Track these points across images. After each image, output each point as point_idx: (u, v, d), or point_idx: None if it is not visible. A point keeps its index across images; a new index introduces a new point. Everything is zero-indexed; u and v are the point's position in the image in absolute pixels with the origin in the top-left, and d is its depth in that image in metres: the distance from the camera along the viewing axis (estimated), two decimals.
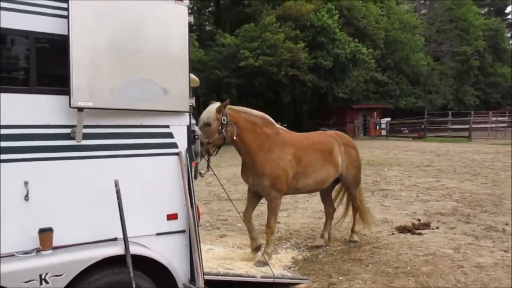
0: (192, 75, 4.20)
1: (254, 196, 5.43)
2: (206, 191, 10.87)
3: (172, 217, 3.50)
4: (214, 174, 4.73)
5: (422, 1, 53.74)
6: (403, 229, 6.37)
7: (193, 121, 3.77)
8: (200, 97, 34.76)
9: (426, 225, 6.60)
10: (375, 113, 34.79)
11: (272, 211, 5.12)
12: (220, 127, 4.63)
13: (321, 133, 6.08)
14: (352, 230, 5.99)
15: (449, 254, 5.25)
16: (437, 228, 6.52)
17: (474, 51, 46.18)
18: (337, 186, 6.20)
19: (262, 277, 4.33)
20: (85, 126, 3.07)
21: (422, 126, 30.59)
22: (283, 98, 30.41)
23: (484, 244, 5.65)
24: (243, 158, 5.13)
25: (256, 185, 5.13)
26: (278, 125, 5.30)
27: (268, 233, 5.18)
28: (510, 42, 59.66)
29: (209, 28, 36.22)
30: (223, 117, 4.63)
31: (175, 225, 3.51)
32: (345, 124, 32.86)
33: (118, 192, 3.09)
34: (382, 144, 25.73)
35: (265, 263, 4.71)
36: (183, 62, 3.50)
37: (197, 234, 3.51)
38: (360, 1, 34.87)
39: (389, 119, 34.30)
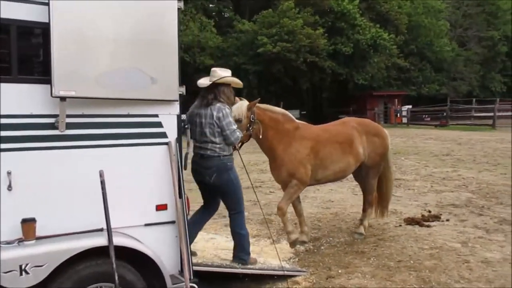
0: (236, 79, 4.37)
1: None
2: None
3: (161, 207, 3.44)
4: (245, 168, 5.08)
5: None
6: (411, 221, 6.20)
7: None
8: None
9: (436, 217, 6.41)
10: (396, 100, 34.13)
11: (289, 194, 5.10)
12: (248, 125, 4.72)
13: (341, 123, 5.92)
14: (361, 222, 5.85)
15: (456, 248, 5.06)
16: (447, 220, 6.32)
17: (502, 36, 44.55)
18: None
19: (258, 268, 4.26)
20: (69, 116, 3.02)
21: (444, 114, 29.84)
22: (302, 85, 30.04)
23: (494, 238, 5.44)
24: (266, 155, 5.23)
25: (276, 177, 5.29)
26: (297, 120, 5.37)
27: (279, 215, 5.21)
28: None
29: (228, 14, 36.00)
30: (252, 115, 4.73)
31: (164, 216, 3.45)
32: (365, 111, 32.38)
33: (102, 182, 3.04)
34: (403, 132, 25.23)
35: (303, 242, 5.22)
36: (173, 49, 3.41)
37: (186, 225, 3.45)
38: None
39: (410, 106, 33.62)
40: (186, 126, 3.60)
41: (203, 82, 4.25)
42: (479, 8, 44.17)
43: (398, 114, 32.40)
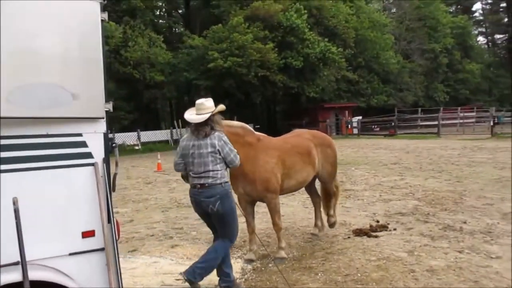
0: (221, 105, 4.31)
1: (248, 205, 5.39)
2: (168, 197, 10.52)
3: (88, 234, 3.16)
4: None
5: (391, 0, 54.46)
6: (359, 232, 6.18)
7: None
8: (171, 100, 34.41)
9: (384, 227, 6.43)
10: (347, 112, 34.96)
11: (273, 210, 5.28)
12: None
13: (296, 135, 6.12)
14: (328, 214, 6.32)
15: (402, 258, 5.05)
16: (395, 229, 6.35)
17: (443, 49, 47.14)
18: None
19: None
20: None
21: (393, 124, 30.84)
22: (254, 99, 30.14)
23: (439, 245, 5.49)
24: (232, 172, 4.97)
25: (250, 193, 5.17)
26: (256, 132, 5.39)
27: (276, 230, 5.38)
28: (477, 39, 61.12)
29: (179, 30, 35.77)
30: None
31: (92, 243, 3.16)
32: (317, 123, 32.90)
33: (16, 211, 2.73)
34: (354, 142, 25.79)
35: (282, 258, 5.21)
36: (96, 63, 3.17)
37: (116, 252, 3.19)
38: (330, 1, 35.03)
39: (360, 117, 34.52)
40: (114, 144, 3.33)
41: (194, 117, 4.15)
42: (420, 22, 46.50)
43: (349, 125, 33.17)
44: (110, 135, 3.35)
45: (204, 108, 4.16)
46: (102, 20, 3.22)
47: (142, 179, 14.31)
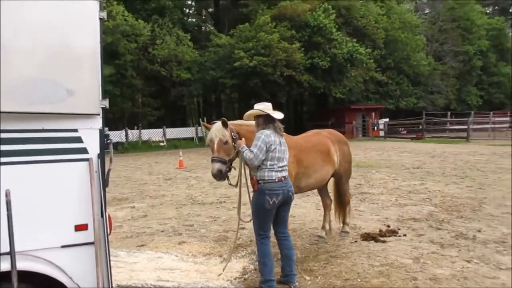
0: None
1: None
2: (184, 194, 10.64)
3: (80, 227, 3.22)
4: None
5: (424, 0, 53.22)
6: (367, 237, 6.07)
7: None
8: (197, 97, 34.77)
9: (393, 232, 6.30)
10: (374, 113, 34.39)
11: None
12: (233, 143, 4.69)
13: (317, 134, 6.18)
14: (343, 222, 6.39)
15: (407, 265, 4.94)
16: (404, 235, 6.21)
17: (477, 51, 45.68)
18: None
19: None
20: None
21: (420, 127, 30.15)
22: (280, 99, 30.06)
23: (448, 254, 5.34)
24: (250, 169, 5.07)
25: None
26: None
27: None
28: None
29: (207, 28, 36.09)
30: (232, 133, 4.72)
31: (84, 237, 3.23)
32: (343, 125, 32.55)
33: (8, 203, 2.83)
34: (379, 145, 25.39)
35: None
36: (94, 61, 3.23)
37: (107, 246, 3.24)
38: (359, 1, 34.54)
39: (387, 119, 33.94)
40: (109, 141, 3.39)
41: (279, 115, 4.53)
42: (454, 23, 45.21)
43: (375, 128, 32.63)
44: (106, 131, 3.40)
45: (271, 108, 4.52)
46: (101, 19, 3.27)
47: (163, 175, 14.52)
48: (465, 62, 45.05)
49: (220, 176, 4.57)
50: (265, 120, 4.47)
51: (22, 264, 2.84)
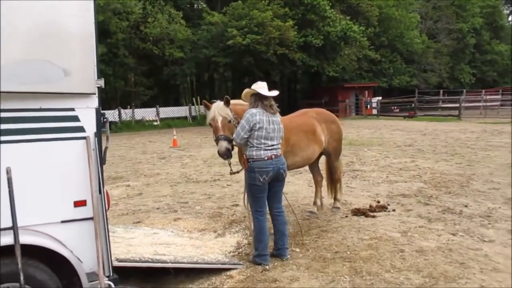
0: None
1: None
2: (178, 172, 10.76)
3: (79, 203, 3.34)
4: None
5: None
6: (357, 212, 6.26)
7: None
8: (190, 76, 34.57)
9: (383, 207, 6.49)
10: (367, 92, 34.46)
11: None
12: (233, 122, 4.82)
13: (303, 114, 6.28)
14: (335, 198, 6.62)
15: (395, 238, 5.13)
16: (394, 210, 6.41)
17: (471, 28, 45.57)
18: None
19: (190, 262, 4.21)
20: None
21: (413, 105, 30.32)
22: (273, 77, 29.99)
23: (434, 227, 5.54)
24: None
25: None
26: None
27: None
28: (508, 19, 58.85)
29: (199, 7, 35.61)
30: (232, 113, 4.83)
31: (83, 212, 3.35)
32: (336, 103, 32.60)
33: (9, 180, 2.94)
34: (372, 123, 25.56)
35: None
36: (88, 41, 3.29)
37: (105, 221, 3.37)
38: None
39: (380, 98, 34.02)
40: (105, 119, 3.48)
41: (272, 92, 4.61)
42: (448, 0, 44.93)
43: (369, 106, 32.76)
44: (102, 111, 3.49)
45: (266, 87, 4.60)
46: None
47: (157, 154, 14.62)
48: (459, 40, 45.01)
49: (228, 154, 4.69)
50: (255, 99, 4.56)
51: (25, 238, 2.96)
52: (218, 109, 4.76)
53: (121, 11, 25.52)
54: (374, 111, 32.05)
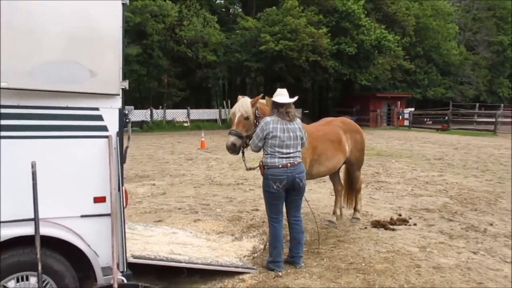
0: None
1: None
2: (203, 174, 10.91)
3: (99, 200, 3.48)
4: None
5: None
6: (377, 224, 6.17)
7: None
8: (222, 80, 34.95)
9: (404, 221, 6.38)
10: (399, 102, 33.87)
11: None
12: (255, 121, 4.85)
13: (329, 123, 6.30)
14: (355, 209, 6.56)
15: (413, 253, 5.04)
16: (415, 224, 6.29)
17: None
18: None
19: (203, 263, 4.28)
20: (4, 106, 3.08)
21: (446, 118, 29.57)
22: (305, 84, 29.96)
23: (455, 244, 5.41)
24: None
25: None
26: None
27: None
28: None
29: (234, 11, 36.01)
30: (256, 111, 4.89)
31: (102, 208, 3.48)
32: (368, 112, 32.22)
33: (34, 173, 3.08)
34: (403, 134, 25.12)
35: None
36: (115, 44, 3.43)
37: (122, 218, 3.48)
38: None
39: (412, 109, 33.36)
40: (127, 120, 3.61)
41: (287, 99, 4.57)
42: (489, 12, 43.67)
43: (400, 117, 32.18)
44: (127, 110, 3.62)
45: (286, 94, 4.59)
46: (123, 4, 3.46)
47: (184, 155, 14.86)
48: (499, 53, 43.57)
49: (234, 149, 4.75)
50: (272, 106, 4.59)
51: (45, 230, 3.10)
52: (240, 105, 4.84)
53: (157, 13, 26.11)
54: (406, 122, 31.45)
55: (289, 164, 4.45)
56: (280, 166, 4.43)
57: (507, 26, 44.30)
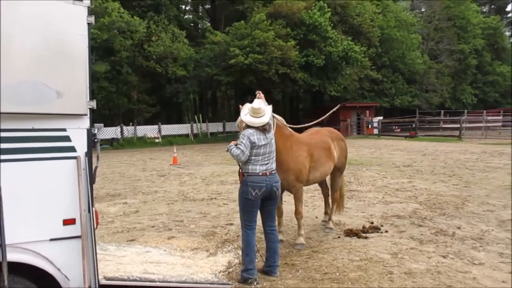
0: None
1: None
2: (176, 190, 10.82)
3: (69, 222, 3.41)
4: None
5: None
6: (350, 233, 6.28)
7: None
8: (193, 94, 34.89)
9: (376, 229, 6.51)
10: (368, 111, 34.61)
11: (298, 199, 5.80)
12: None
13: (318, 132, 6.62)
14: (329, 218, 6.77)
15: (385, 260, 5.15)
16: (386, 231, 6.43)
17: (472, 49, 45.99)
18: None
19: (178, 281, 4.25)
20: None
21: (413, 125, 30.40)
22: (275, 96, 30.24)
23: (426, 249, 5.55)
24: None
25: (281, 181, 5.26)
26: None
27: (298, 218, 5.85)
28: (510, 41, 59.27)
29: (204, 25, 36.17)
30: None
31: (72, 230, 3.41)
32: (338, 122, 32.70)
33: None
34: (373, 143, 25.63)
35: (302, 244, 5.76)
36: (81, 64, 3.40)
37: (93, 240, 3.43)
38: None
39: (381, 117, 34.15)
40: (96, 139, 3.57)
41: (258, 121, 4.62)
42: (450, 22, 45.45)
43: (370, 125, 32.87)
44: (94, 131, 3.58)
45: (263, 111, 4.67)
46: (88, 24, 3.44)
47: (157, 172, 14.69)
48: (460, 61, 45.39)
49: None
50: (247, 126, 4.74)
51: (12, 256, 3.02)
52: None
53: (125, 29, 25.93)
54: (375, 131, 32.15)
55: (267, 173, 4.60)
56: (260, 173, 4.56)
57: (467, 35, 46.23)
